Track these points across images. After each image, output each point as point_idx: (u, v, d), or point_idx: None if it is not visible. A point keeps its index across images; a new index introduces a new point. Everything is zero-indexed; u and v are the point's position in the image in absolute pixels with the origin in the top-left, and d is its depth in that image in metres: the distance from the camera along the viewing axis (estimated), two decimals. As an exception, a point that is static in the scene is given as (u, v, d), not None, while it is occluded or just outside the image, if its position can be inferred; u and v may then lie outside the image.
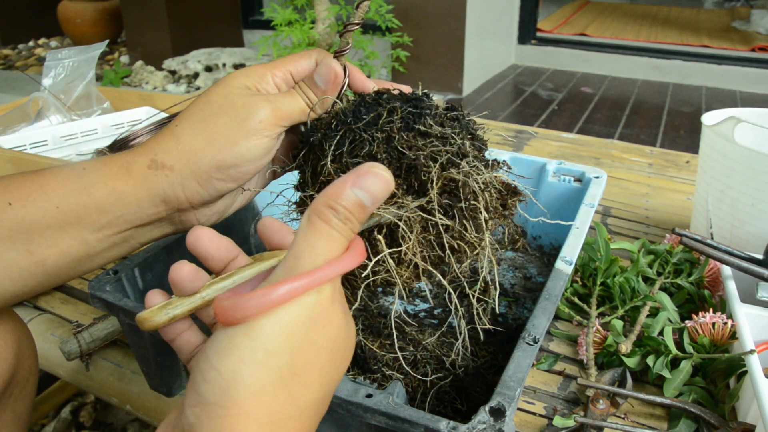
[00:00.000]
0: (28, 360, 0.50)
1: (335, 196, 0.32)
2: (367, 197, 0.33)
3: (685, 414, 0.55)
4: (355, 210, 0.33)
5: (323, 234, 0.32)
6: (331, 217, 0.32)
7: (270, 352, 0.29)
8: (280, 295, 0.30)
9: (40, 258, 0.43)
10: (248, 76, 0.48)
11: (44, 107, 1.08)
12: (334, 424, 0.49)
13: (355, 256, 0.33)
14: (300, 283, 0.30)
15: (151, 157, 0.45)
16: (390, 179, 0.34)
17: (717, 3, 5.00)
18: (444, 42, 2.87)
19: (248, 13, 3.87)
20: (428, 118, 0.46)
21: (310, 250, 0.31)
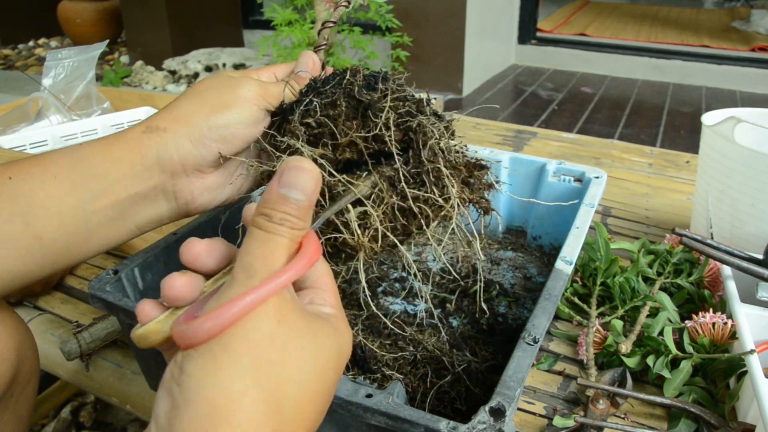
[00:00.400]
0: (29, 360, 0.49)
1: (265, 202, 0.32)
2: (296, 193, 0.32)
3: (685, 414, 0.55)
4: (289, 209, 0.32)
5: (261, 241, 0.32)
6: (264, 222, 0.32)
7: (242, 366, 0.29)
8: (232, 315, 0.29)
9: (37, 231, 0.43)
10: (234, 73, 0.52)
11: (44, 107, 1.08)
12: (334, 424, 0.49)
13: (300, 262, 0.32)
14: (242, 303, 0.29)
15: (146, 124, 0.48)
16: (312, 168, 0.33)
17: (717, 3, 5.00)
18: (444, 42, 2.87)
19: (248, 13, 3.86)
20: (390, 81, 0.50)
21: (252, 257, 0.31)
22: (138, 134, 0.47)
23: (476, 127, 1.37)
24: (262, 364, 0.30)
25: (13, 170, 0.44)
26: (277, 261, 0.32)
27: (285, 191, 0.32)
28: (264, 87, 0.50)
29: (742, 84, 3.10)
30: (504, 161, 0.81)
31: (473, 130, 1.35)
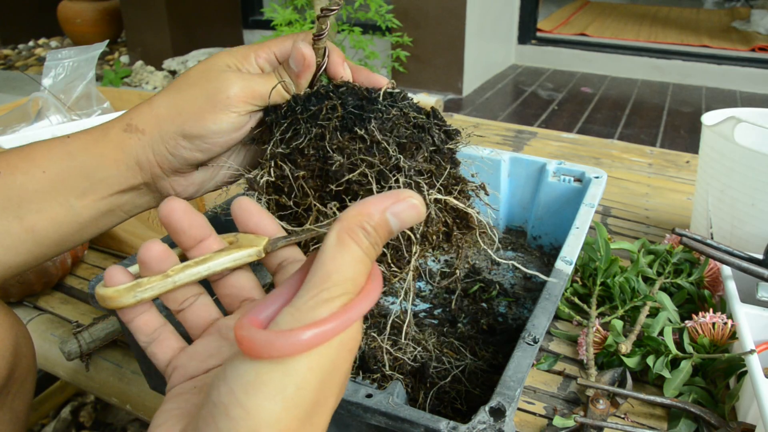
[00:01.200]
0: (25, 358, 0.49)
1: (369, 217, 0.30)
2: (397, 225, 0.31)
3: (685, 414, 0.55)
4: (384, 235, 0.31)
5: (354, 256, 0.30)
6: (363, 239, 0.30)
7: (300, 388, 0.28)
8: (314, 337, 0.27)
9: (29, 224, 0.44)
10: (232, 55, 0.49)
11: (44, 107, 1.08)
12: (334, 424, 0.49)
13: (378, 288, 0.31)
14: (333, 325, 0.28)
15: (127, 122, 0.47)
16: (423, 211, 0.32)
17: (717, 3, 5.00)
18: (444, 42, 2.87)
19: (248, 13, 3.86)
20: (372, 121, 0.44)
21: (341, 275, 0.29)
22: (119, 132, 0.47)
23: (476, 127, 1.37)
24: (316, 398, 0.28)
25: (2, 164, 0.44)
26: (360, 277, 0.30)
27: (392, 222, 0.31)
28: (250, 88, 0.47)
29: (742, 84, 3.10)
30: (504, 161, 0.81)
31: (473, 130, 1.35)
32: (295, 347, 0.27)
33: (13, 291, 0.75)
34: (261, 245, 0.37)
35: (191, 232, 0.37)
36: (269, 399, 0.27)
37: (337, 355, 0.29)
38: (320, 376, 0.28)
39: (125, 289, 0.35)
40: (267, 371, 0.27)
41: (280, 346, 0.27)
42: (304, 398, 0.28)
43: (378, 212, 0.30)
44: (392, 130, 0.44)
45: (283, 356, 0.27)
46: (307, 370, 0.28)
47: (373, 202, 0.31)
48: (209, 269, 0.36)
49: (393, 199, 0.31)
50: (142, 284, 0.35)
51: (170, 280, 0.36)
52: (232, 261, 0.37)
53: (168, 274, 0.36)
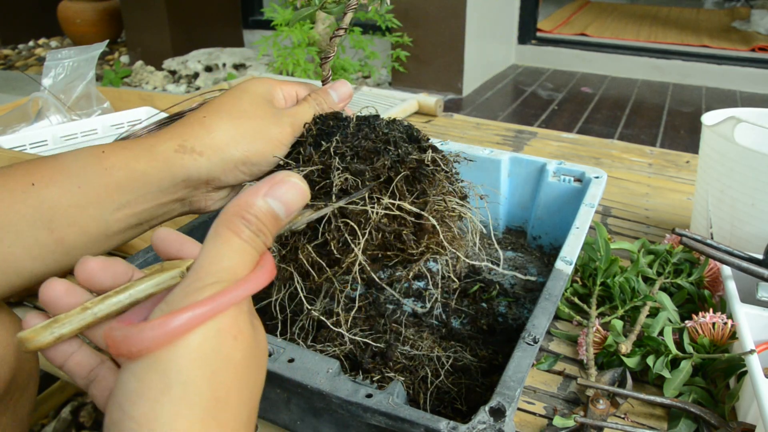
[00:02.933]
0: (28, 362, 0.49)
1: (247, 206, 0.30)
2: (281, 208, 0.31)
3: (685, 414, 0.55)
4: (268, 221, 0.30)
5: (232, 246, 0.29)
6: (243, 228, 0.29)
7: (187, 384, 0.26)
8: (180, 325, 0.26)
9: (60, 236, 0.44)
10: (264, 85, 0.53)
11: (44, 107, 1.08)
12: (334, 424, 0.49)
13: (263, 274, 0.30)
14: (201, 310, 0.26)
15: (179, 143, 0.48)
16: (305, 189, 0.32)
17: (717, 3, 5.00)
18: (444, 42, 2.87)
19: (248, 13, 3.86)
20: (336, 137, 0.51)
21: (215, 266, 0.28)
22: (170, 152, 0.47)
23: (476, 127, 1.37)
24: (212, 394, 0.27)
25: (36, 176, 0.44)
26: (241, 267, 0.29)
27: (274, 204, 0.31)
28: (296, 124, 0.52)
29: (742, 84, 3.10)
30: (504, 161, 0.81)
31: (473, 130, 1.35)
32: (162, 337, 0.25)
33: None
34: (183, 266, 0.35)
35: (116, 282, 0.35)
36: (156, 403, 0.25)
37: (219, 344, 0.28)
38: (207, 369, 0.27)
39: (41, 327, 0.33)
40: (146, 375, 0.26)
41: (145, 338, 0.25)
42: (197, 396, 0.26)
43: (258, 199, 0.30)
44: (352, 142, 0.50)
45: (151, 349, 0.26)
46: (189, 364, 0.26)
47: (252, 191, 0.31)
48: (131, 297, 0.34)
49: (269, 183, 0.31)
50: (59, 320, 0.33)
51: (89, 313, 0.33)
52: (154, 286, 0.34)
53: (86, 306, 0.33)
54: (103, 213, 0.45)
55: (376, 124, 0.52)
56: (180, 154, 0.47)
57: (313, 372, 0.45)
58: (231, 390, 0.28)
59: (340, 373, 0.45)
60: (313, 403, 0.48)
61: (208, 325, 0.27)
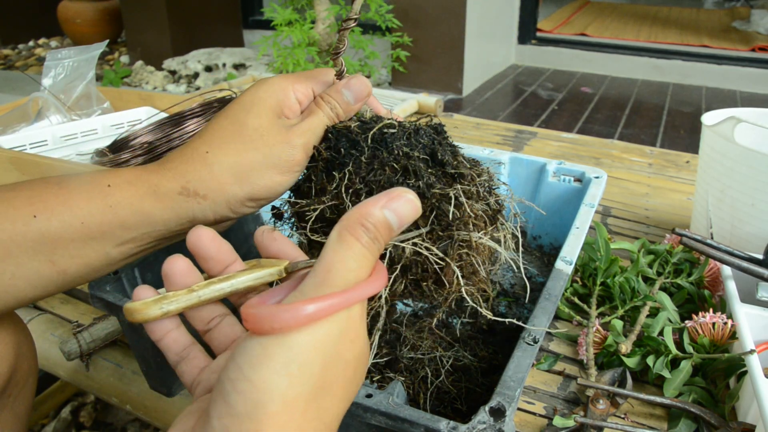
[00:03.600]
0: (27, 360, 0.49)
1: (367, 215, 0.33)
2: (395, 220, 0.33)
3: (685, 414, 0.55)
4: (384, 231, 0.33)
5: (354, 250, 0.32)
6: (363, 234, 0.32)
7: (303, 365, 0.29)
8: (316, 311, 0.29)
9: (62, 268, 0.44)
10: (273, 94, 0.48)
11: (44, 107, 1.08)
12: (334, 424, 0.49)
13: (381, 278, 0.33)
14: (335, 300, 0.30)
15: (182, 185, 0.46)
16: (418, 205, 0.34)
17: (717, 3, 5.00)
18: (444, 42, 2.87)
19: (248, 13, 3.86)
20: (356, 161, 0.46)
21: (342, 266, 0.31)
22: (174, 194, 0.46)
23: (476, 127, 1.37)
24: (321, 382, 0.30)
25: (38, 206, 0.43)
26: (363, 270, 0.32)
27: (389, 215, 0.33)
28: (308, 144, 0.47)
29: (742, 84, 3.10)
30: (504, 161, 0.81)
31: (473, 130, 1.35)
32: (297, 319, 0.29)
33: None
34: (281, 266, 0.39)
35: (219, 257, 0.38)
36: (275, 372, 0.28)
37: (338, 340, 0.31)
38: (323, 358, 0.30)
39: (152, 301, 0.36)
40: (271, 347, 0.29)
41: (283, 318, 0.29)
42: (309, 376, 0.29)
43: (376, 210, 0.33)
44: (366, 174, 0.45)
45: (286, 329, 0.29)
46: (311, 349, 0.29)
47: (371, 201, 0.33)
48: (232, 286, 0.37)
49: (387, 196, 0.33)
50: (168, 297, 0.37)
51: (195, 295, 0.37)
52: (254, 279, 0.38)
53: (193, 289, 0.37)
54: (106, 248, 0.45)
55: (395, 145, 0.46)
56: (184, 197, 0.46)
57: (313, 372, 0.45)
58: (335, 383, 0.31)
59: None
60: (313, 403, 0.48)
61: (333, 323, 0.30)
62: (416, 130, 0.47)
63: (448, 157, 0.46)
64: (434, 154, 0.46)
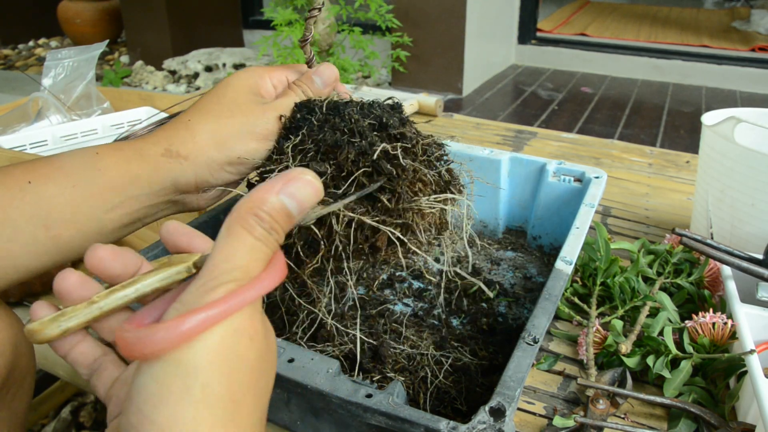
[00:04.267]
0: (24, 358, 0.49)
1: (261, 202, 0.29)
2: (294, 205, 0.30)
3: (685, 414, 0.55)
4: (281, 219, 0.30)
5: (245, 244, 0.29)
6: (255, 225, 0.29)
7: (206, 386, 0.26)
8: (194, 326, 0.26)
9: (55, 233, 0.45)
10: (251, 77, 0.53)
11: (44, 107, 1.08)
12: (334, 424, 0.49)
13: (275, 274, 0.29)
14: (215, 311, 0.26)
15: (166, 147, 0.49)
16: (319, 186, 0.31)
17: (717, 3, 5.00)
18: (444, 42, 2.87)
19: (248, 13, 3.86)
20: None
21: (230, 264, 0.28)
22: (157, 156, 0.49)
23: (476, 127, 1.37)
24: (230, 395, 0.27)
25: (33, 174, 0.45)
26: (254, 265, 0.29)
27: (287, 201, 0.30)
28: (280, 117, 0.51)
29: (742, 84, 3.10)
30: (504, 161, 0.81)
31: (473, 130, 1.35)
32: (176, 338, 0.25)
33: (13, 291, 0.75)
34: (190, 261, 0.35)
35: (125, 272, 0.35)
36: (178, 405, 0.25)
37: (235, 344, 0.27)
38: (224, 370, 0.27)
39: (49, 320, 0.33)
40: (166, 376, 0.26)
41: (158, 339, 0.25)
42: (215, 396, 0.26)
43: (271, 196, 0.30)
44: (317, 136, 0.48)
45: (165, 350, 0.26)
46: (207, 364, 0.26)
47: (265, 187, 0.30)
48: (137, 291, 0.34)
49: (284, 179, 0.30)
50: (66, 313, 0.34)
51: (96, 307, 0.34)
52: (160, 280, 0.34)
53: (93, 301, 0.34)
54: (97, 212, 0.47)
55: (347, 111, 0.49)
56: (167, 159, 0.49)
57: (313, 372, 0.45)
58: (247, 391, 0.28)
59: (340, 373, 0.45)
60: (312, 403, 0.48)
61: (225, 324, 0.27)
62: (371, 104, 0.51)
63: (393, 121, 0.49)
64: (381, 120, 0.49)
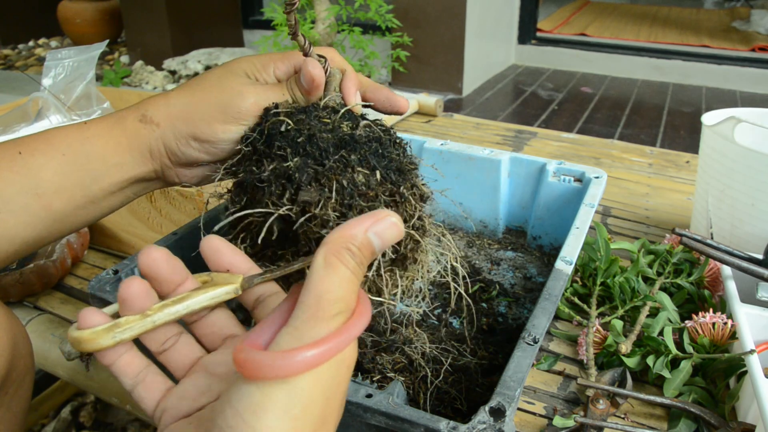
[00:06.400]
0: (23, 358, 0.49)
1: (352, 238, 0.31)
2: (378, 243, 0.32)
3: (685, 414, 0.55)
4: (368, 254, 0.32)
5: (343, 277, 0.30)
6: (350, 259, 0.31)
7: (307, 407, 0.28)
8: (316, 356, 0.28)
9: (47, 202, 0.46)
10: (252, 62, 0.51)
11: (44, 107, 1.08)
12: (334, 424, 0.49)
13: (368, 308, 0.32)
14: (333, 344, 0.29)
15: (142, 112, 0.50)
16: (402, 228, 0.33)
17: (717, 3, 5.00)
18: (444, 42, 2.87)
19: (248, 13, 3.86)
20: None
21: (332, 295, 0.30)
22: (134, 121, 0.50)
23: (476, 127, 1.37)
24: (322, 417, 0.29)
25: (22, 146, 0.46)
26: (351, 297, 0.31)
27: (374, 239, 0.32)
28: (261, 102, 0.49)
29: (742, 84, 3.10)
30: (504, 161, 0.81)
31: (473, 130, 1.35)
32: (299, 366, 0.28)
33: (13, 291, 0.75)
34: (237, 282, 0.37)
35: (172, 278, 0.37)
36: (278, 419, 0.27)
37: (337, 372, 0.30)
38: (325, 394, 0.29)
39: (103, 330, 0.34)
40: (273, 392, 0.28)
41: (284, 366, 0.27)
42: (311, 416, 0.28)
43: (361, 233, 0.31)
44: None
45: (287, 376, 0.28)
46: (312, 389, 0.28)
47: (355, 224, 0.32)
48: (188, 308, 0.36)
49: (373, 219, 0.32)
50: (120, 324, 0.34)
51: (149, 320, 0.35)
52: (209, 299, 0.36)
53: (147, 314, 0.35)
54: (86, 181, 0.48)
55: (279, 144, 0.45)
56: (143, 124, 0.49)
57: (313, 372, 0.45)
58: (334, 411, 0.31)
59: (340, 373, 0.45)
60: (313, 403, 0.48)
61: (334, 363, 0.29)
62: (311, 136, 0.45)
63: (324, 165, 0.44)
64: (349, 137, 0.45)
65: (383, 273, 0.45)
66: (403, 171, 0.46)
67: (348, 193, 0.42)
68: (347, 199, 0.42)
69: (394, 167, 0.45)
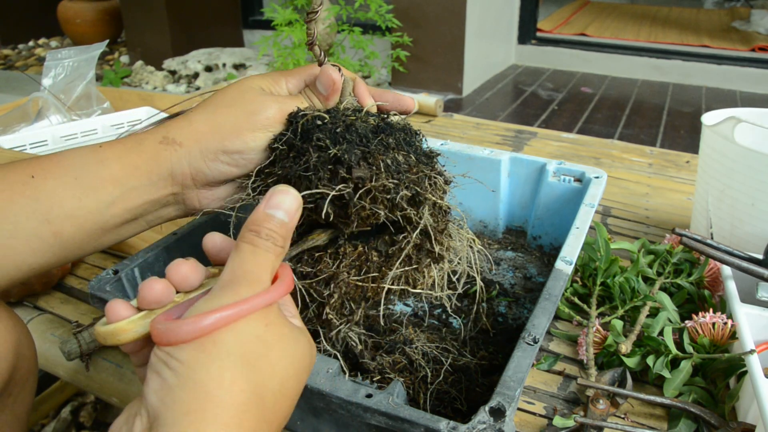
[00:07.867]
0: (27, 360, 0.49)
1: (252, 221, 0.37)
2: (281, 213, 0.37)
3: (685, 414, 0.55)
4: (274, 226, 0.37)
5: (250, 253, 0.36)
6: (253, 237, 0.36)
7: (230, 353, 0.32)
8: (208, 324, 0.32)
9: (57, 229, 0.45)
10: (264, 78, 0.53)
11: (44, 107, 1.08)
12: (334, 424, 0.49)
13: (283, 286, 0.36)
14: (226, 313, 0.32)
15: (163, 134, 0.49)
16: (296, 193, 0.38)
17: (717, 3, 5.00)
18: (444, 42, 2.87)
19: (248, 13, 3.86)
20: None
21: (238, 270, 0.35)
22: (155, 144, 0.49)
23: (476, 127, 1.37)
24: (251, 360, 0.33)
25: (35, 169, 0.45)
26: (263, 274, 0.36)
27: (271, 211, 0.37)
28: (283, 110, 0.50)
29: (742, 84, 3.10)
30: (504, 161, 0.81)
31: (473, 130, 1.35)
32: (195, 332, 0.32)
33: (13, 291, 0.75)
34: None
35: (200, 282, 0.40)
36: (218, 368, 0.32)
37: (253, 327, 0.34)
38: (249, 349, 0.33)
39: (139, 318, 0.36)
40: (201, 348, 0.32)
41: (181, 332, 0.32)
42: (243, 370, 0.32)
43: (260, 214, 0.37)
44: None
45: (186, 341, 0.32)
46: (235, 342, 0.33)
47: (256, 209, 0.37)
48: None
49: (266, 198, 0.38)
50: (150, 315, 0.37)
51: None
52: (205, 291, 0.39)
53: (175, 301, 0.38)
54: (99, 205, 0.46)
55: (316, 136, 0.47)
56: (163, 146, 0.48)
57: (313, 372, 0.45)
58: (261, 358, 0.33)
59: (340, 373, 0.45)
60: (313, 403, 0.48)
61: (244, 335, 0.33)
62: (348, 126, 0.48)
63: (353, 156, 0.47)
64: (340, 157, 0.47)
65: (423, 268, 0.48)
66: (429, 156, 0.50)
67: (394, 170, 0.45)
68: (395, 174, 0.45)
69: (423, 153, 0.49)
